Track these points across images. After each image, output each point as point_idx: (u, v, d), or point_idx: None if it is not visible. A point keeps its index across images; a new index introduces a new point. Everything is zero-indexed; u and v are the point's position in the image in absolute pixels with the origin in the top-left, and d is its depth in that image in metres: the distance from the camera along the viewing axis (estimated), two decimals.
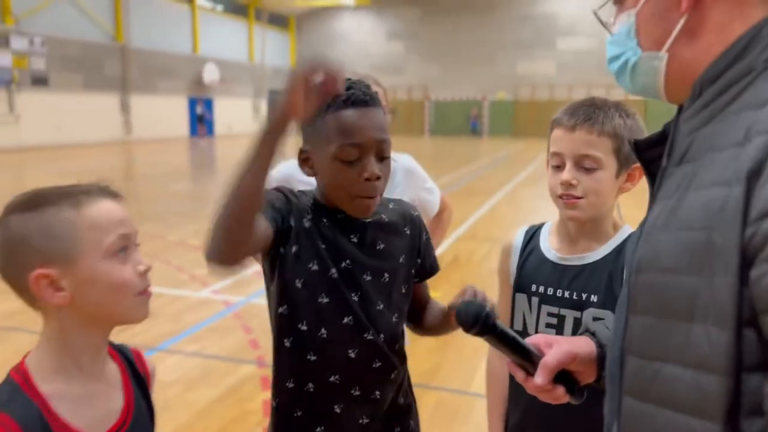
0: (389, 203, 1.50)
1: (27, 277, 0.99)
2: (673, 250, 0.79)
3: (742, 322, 0.72)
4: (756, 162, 0.71)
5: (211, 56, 33.38)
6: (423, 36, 38.13)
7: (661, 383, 0.80)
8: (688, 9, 0.84)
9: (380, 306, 1.40)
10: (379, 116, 1.33)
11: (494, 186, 13.64)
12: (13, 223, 1.01)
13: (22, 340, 4.59)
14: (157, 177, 15.57)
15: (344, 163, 1.29)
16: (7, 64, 22.64)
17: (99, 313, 1.06)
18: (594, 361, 1.07)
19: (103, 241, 1.03)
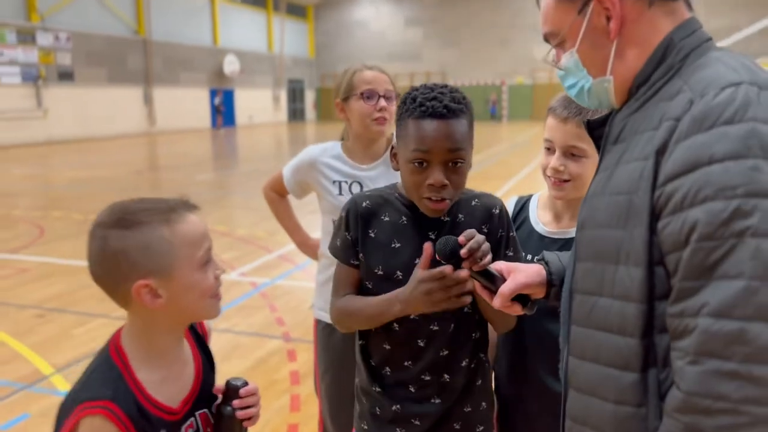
0: (473, 200, 1.58)
1: (127, 286, 1.13)
2: (605, 210, 1.05)
3: (653, 263, 0.96)
4: (662, 141, 0.96)
5: (231, 47, 33.71)
6: (441, 22, 38.02)
7: (597, 312, 1.06)
8: (615, 36, 1.08)
9: None
10: (453, 127, 1.43)
11: (513, 170, 13.79)
12: (112, 240, 1.13)
13: (67, 320, 4.95)
14: (181, 167, 15.94)
15: (415, 167, 1.43)
16: (34, 60, 23.18)
17: (185, 314, 1.23)
18: (544, 284, 1.34)
19: (195, 255, 1.18)
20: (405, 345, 1.54)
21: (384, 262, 1.52)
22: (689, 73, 1.01)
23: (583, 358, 1.09)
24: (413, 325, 1.52)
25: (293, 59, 39.77)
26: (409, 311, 1.45)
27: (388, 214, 1.55)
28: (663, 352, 0.97)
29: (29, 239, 7.90)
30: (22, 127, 22.55)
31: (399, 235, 1.53)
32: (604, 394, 1.04)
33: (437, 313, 1.48)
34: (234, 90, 34.21)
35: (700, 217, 0.88)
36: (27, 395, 3.72)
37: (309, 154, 2.36)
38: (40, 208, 10.09)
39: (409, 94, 1.48)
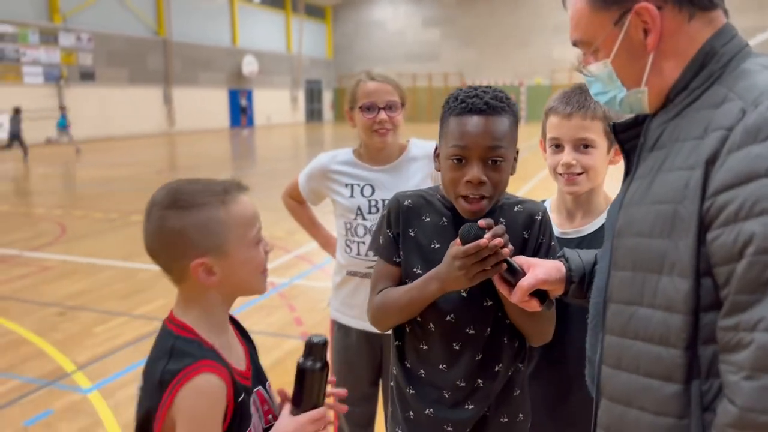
0: (516, 205, 1.56)
1: (185, 264, 1.18)
2: (646, 219, 1.03)
3: (700, 274, 0.95)
4: (713, 151, 0.94)
5: (250, 48, 33.90)
6: (459, 22, 37.94)
7: (637, 322, 1.04)
8: (652, 50, 1.06)
9: (488, 303, 1.50)
10: (493, 124, 1.41)
11: (530, 172, 13.70)
12: (171, 219, 1.18)
13: (89, 318, 5.00)
14: (200, 167, 16.06)
15: (453, 163, 1.42)
16: (56, 60, 23.51)
17: (238, 290, 1.27)
18: (563, 280, 1.34)
19: (248, 234, 1.23)
20: (440, 347, 1.52)
21: (423, 263, 1.51)
22: (732, 80, 1.00)
23: (618, 368, 1.08)
24: (449, 327, 1.51)
25: (311, 60, 39.90)
26: (447, 288, 1.42)
27: (429, 214, 1.55)
28: (706, 363, 0.96)
29: (51, 237, 8.01)
30: (44, 127, 22.86)
31: (439, 236, 1.52)
32: (642, 404, 1.03)
33: (474, 316, 1.48)
34: (252, 90, 34.41)
35: (756, 230, 0.87)
36: (50, 392, 3.77)
37: (319, 162, 2.39)
38: (62, 207, 10.22)
39: (452, 94, 1.50)
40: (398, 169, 2.28)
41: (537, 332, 1.52)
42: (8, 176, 14.39)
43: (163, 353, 1.18)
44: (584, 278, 1.35)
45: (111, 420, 3.42)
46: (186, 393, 1.12)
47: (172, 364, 1.15)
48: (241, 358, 1.30)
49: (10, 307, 5.30)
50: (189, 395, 1.12)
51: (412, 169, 2.28)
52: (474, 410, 1.52)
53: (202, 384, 1.13)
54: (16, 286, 5.92)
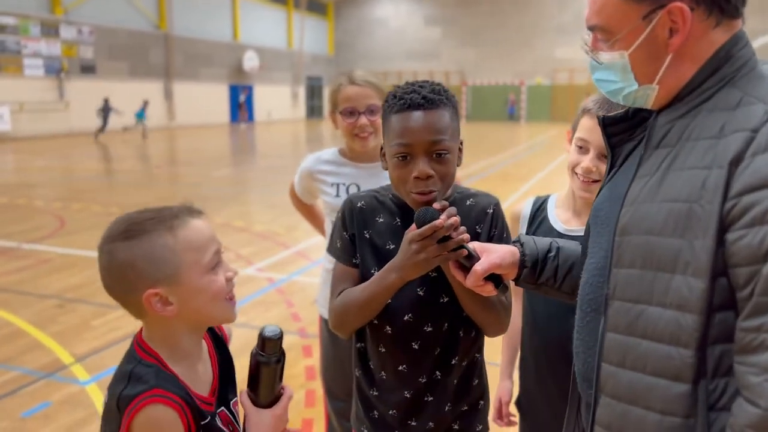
0: (468, 199, 1.57)
1: (138, 297, 1.14)
2: (657, 217, 1.02)
3: (716, 274, 0.95)
4: (737, 152, 0.94)
5: (251, 43, 33.87)
6: (460, 21, 37.93)
7: (645, 321, 1.03)
8: (674, 50, 1.05)
9: (445, 299, 1.52)
10: (434, 117, 1.42)
11: (530, 172, 13.71)
12: (118, 252, 1.14)
13: (87, 311, 5.02)
14: (200, 162, 16.06)
15: (399, 161, 1.42)
16: (57, 53, 23.47)
17: (200, 319, 1.23)
18: (517, 264, 1.35)
19: (202, 260, 1.17)
20: (399, 348, 1.53)
21: (379, 264, 1.51)
22: (745, 83, 1.00)
23: (622, 366, 1.07)
24: (407, 327, 1.52)
25: (312, 56, 39.86)
26: (406, 276, 1.41)
27: (382, 215, 1.57)
28: (714, 362, 0.96)
29: (50, 230, 8.01)
30: (44, 119, 22.86)
31: (393, 236, 1.53)
32: (648, 403, 1.03)
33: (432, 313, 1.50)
34: (253, 86, 34.38)
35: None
36: (48, 384, 3.78)
37: (306, 164, 2.42)
38: (61, 200, 10.22)
39: (391, 92, 1.49)
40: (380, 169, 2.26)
41: (492, 322, 1.53)
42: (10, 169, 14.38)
43: (123, 376, 1.16)
44: (537, 264, 1.36)
45: None
46: (140, 422, 1.11)
47: (128, 390, 1.13)
48: (207, 382, 1.28)
49: (9, 299, 5.32)
50: (143, 426, 1.11)
51: None
52: (434, 402, 1.56)
53: (153, 414, 1.11)
54: (15, 278, 5.93)
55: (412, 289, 1.50)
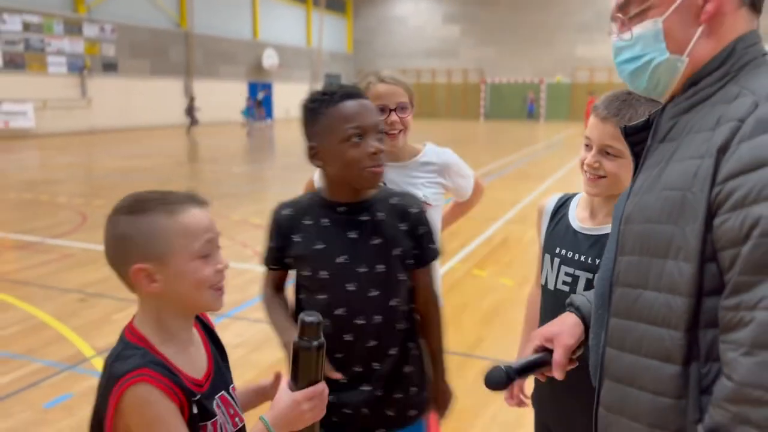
0: (392, 198, 1.72)
1: (128, 269, 1.20)
2: (655, 206, 1.06)
3: (705, 258, 0.98)
4: (724, 140, 0.97)
5: (271, 41, 34.04)
6: (480, 19, 37.79)
7: (642, 304, 1.07)
8: (705, 21, 1.06)
9: (375, 293, 1.65)
10: (370, 104, 1.69)
11: (547, 171, 13.66)
12: (121, 223, 1.22)
13: (108, 305, 5.11)
14: (219, 160, 16.21)
15: (355, 143, 1.60)
16: (80, 50, 23.80)
17: (183, 302, 1.26)
18: (584, 330, 1.35)
19: (192, 246, 1.22)
20: (334, 339, 1.60)
21: (310, 264, 1.68)
22: (745, 80, 1.03)
23: (622, 349, 1.11)
24: (340, 320, 1.66)
25: (331, 54, 39.96)
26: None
27: (310, 218, 1.72)
28: (706, 346, 0.98)
29: (72, 226, 8.15)
30: (66, 116, 23.19)
31: (322, 236, 1.68)
32: (642, 384, 1.06)
33: (364, 307, 1.67)
34: (272, 84, 34.55)
35: (763, 213, 0.89)
36: (70, 375, 3.88)
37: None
38: (83, 196, 10.39)
39: (313, 96, 1.71)
40: (408, 169, 2.28)
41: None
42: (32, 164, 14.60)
43: (113, 357, 1.21)
44: None
45: None
46: (129, 402, 1.14)
47: (116, 368, 1.17)
48: (202, 367, 1.32)
49: (32, 293, 5.43)
50: (133, 405, 1.14)
51: (422, 171, 2.29)
52: (370, 391, 1.69)
53: (139, 393, 1.15)
54: (38, 272, 6.06)
55: (342, 286, 1.66)
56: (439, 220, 2.36)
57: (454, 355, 4.22)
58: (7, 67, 21.43)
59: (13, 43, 21.59)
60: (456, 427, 3.33)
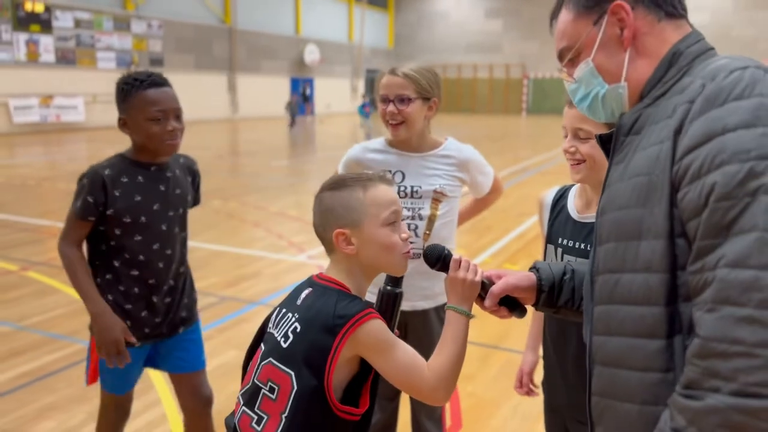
0: (180, 159, 2.45)
1: (331, 233, 1.45)
2: (625, 193, 1.12)
3: (675, 235, 1.03)
4: (679, 122, 1.04)
5: (312, 37, 34.35)
6: (522, 13, 37.37)
7: (621, 287, 1.12)
8: (628, 44, 1.17)
9: (177, 229, 2.37)
10: (172, 92, 2.25)
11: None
12: (325, 198, 1.49)
13: None
14: (260, 153, 16.49)
15: (158, 123, 2.19)
16: (128, 46, 24.48)
17: (373, 263, 1.48)
18: (534, 289, 1.43)
19: (381, 214, 1.45)
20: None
21: (130, 212, 2.22)
22: (697, 70, 1.10)
23: (607, 334, 1.15)
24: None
25: (372, 49, 40.08)
26: (97, 324, 2.18)
27: (126, 176, 2.24)
28: (687, 319, 1.02)
29: None
30: (115, 110, 23.72)
31: (138, 191, 2.25)
32: (630, 364, 1.10)
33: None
34: (313, 79, 34.87)
35: (717, 180, 0.94)
36: None
37: (353, 153, 2.48)
38: None
39: (126, 78, 2.22)
40: (428, 160, 2.35)
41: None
42: None
43: (330, 303, 1.40)
44: (554, 288, 1.43)
45: (162, 385, 3.68)
46: (366, 334, 1.36)
47: (341, 310, 1.38)
48: None
49: None
50: (367, 333, 1.36)
51: (441, 163, 2.36)
52: (172, 300, 2.44)
53: (376, 325, 1.38)
54: None
55: (159, 227, 2.36)
56: (456, 212, 2.42)
57: (479, 346, 4.27)
58: (59, 63, 22.20)
59: (65, 39, 22.36)
60: (478, 417, 3.39)
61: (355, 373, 1.42)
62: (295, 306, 1.46)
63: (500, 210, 8.34)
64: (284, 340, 1.42)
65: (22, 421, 3.27)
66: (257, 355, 1.50)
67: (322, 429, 1.39)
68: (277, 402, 1.39)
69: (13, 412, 3.35)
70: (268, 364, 1.43)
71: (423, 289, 2.34)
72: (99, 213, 2.20)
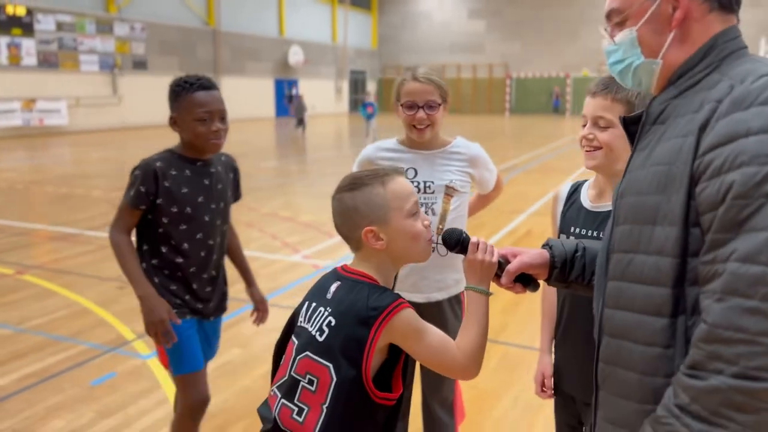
0: (222, 156, 2.62)
1: (358, 233, 1.49)
2: (645, 179, 1.20)
3: (689, 224, 1.11)
4: (705, 119, 1.11)
5: (296, 38, 34.33)
6: (505, 13, 37.63)
7: (634, 267, 1.20)
8: (675, 26, 1.22)
9: (219, 221, 2.55)
10: (218, 95, 2.45)
11: (573, 165, 13.64)
12: (346, 199, 1.51)
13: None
14: (248, 154, 16.48)
15: (205, 122, 2.38)
16: (111, 49, 24.31)
17: (402, 254, 1.53)
18: (547, 266, 1.52)
19: (404, 206, 1.50)
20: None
21: (177, 203, 2.39)
22: (727, 68, 1.16)
23: (617, 308, 1.24)
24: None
25: (356, 50, 40.13)
26: (144, 306, 2.38)
27: (174, 169, 2.42)
28: (692, 302, 1.11)
29: (109, 218, 8.36)
30: (98, 113, 23.72)
31: (185, 183, 2.42)
32: (635, 337, 1.19)
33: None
34: (298, 80, 34.85)
35: (736, 179, 1.02)
36: (113, 357, 4.10)
37: (366, 152, 2.57)
38: (118, 190, 10.66)
39: (180, 80, 2.42)
40: (439, 158, 2.45)
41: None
42: None
43: (362, 296, 1.46)
44: (566, 264, 1.52)
45: (168, 383, 3.71)
46: (400, 323, 1.42)
47: (374, 302, 1.43)
48: None
49: (74, 281, 5.70)
50: (401, 322, 1.42)
51: (451, 159, 2.46)
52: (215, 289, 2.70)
53: (408, 314, 1.44)
54: (78, 262, 6.33)
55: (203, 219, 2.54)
56: (466, 207, 2.51)
57: None
58: (41, 66, 22.01)
59: (47, 43, 22.17)
60: (480, 409, 3.47)
61: (384, 360, 1.47)
62: (325, 300, 1.50)
63: (492, 207, 8.40)
64: (320, 334, 1.46)
65: (30, 421, 3.29)
66: (290, 348, 1.54)
67: (362, 416, 1.44)
68: (317, 393, 1.43)
69: (22, 412, 3.38)
70: (305, 357, 1.47)
71: (437, 282, 2.43)
72: (150, 202, 2.37)
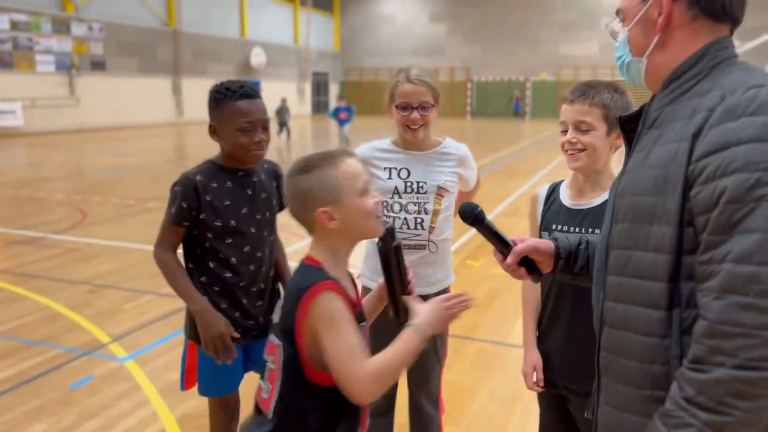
0: (264, 164, 2.47)
1: (312, 215, 1.53)
2: (642, 181, 1.30)
3: (684, 224, 1.21)
4: (698, 126, 1.21)
5: (259, 40, 34.10)
6: (466, 18, 38.06)
7: (633, 263, 1.31)
8: (660, 31, 1.32)
9: (266, 232, 2.40)
10: (261, 104, 2.29)
11: (535, 167, 13.94)
12: (299, 182, 1.55)
13: (118, 296, 5.30)
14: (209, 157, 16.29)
15: (245, 132, 2.24)
16: (68, 49, 23.77)
17: (356, 232, 1.58)
18: (552, 256, 1.61)
19: (356, 186, 1.55)
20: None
21: (221, 216, 2.28)
22: (717, 77, 1.27)
23: (617, 301, 1.34)
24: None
25: (318, 52, 40.06)
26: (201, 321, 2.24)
27: (215, 182, 2.30)
28: (686, 295, 1.21)
29: (73, 222, 8.30)
30: (55, 115, 23.16)
31: (227, 195, 2.30)
32: (634, 328, 1.29)
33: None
34: (260, 82, 34.62)
35: (729, 185, 1.12)
36: (89, 360, 4.07)
37: (360, 152, 2.61)
38: (80, 193, 10.52)
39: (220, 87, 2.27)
40: (431, 158, 2.54)
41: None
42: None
43: (298, 277, 1.55)
44: (570, 256, 1.62)
45: (148, 385, 3.72)
46: (318, 303, 1.46)
47: (304, 282, 1.50)
48: (353, 293, 1.64)
49: (43, 285, 5.61)
50: (321, 304, 1.46)
51: (443, 160, 2.56)
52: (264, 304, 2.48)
53: (329, 297, 1.47)
54: (46, 266, 6.23)
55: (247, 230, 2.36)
56: (453, 207, 2.62)
57: (452, 337, 4.44)
58: None
59: (1, 42, 21.55)
60: (457, 405, 3.58)
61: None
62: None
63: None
64: (277, 316, 1.57)
65: (11, 424, 3.27)
66: None
67: (303, 394, 1.51)
68: (275, 371, 1.53)
69: (1, 416, 3.35)
70: (269, 339, 1.58)
71: (427, 276, 2.53)
72: (192, 218, 2.26)
